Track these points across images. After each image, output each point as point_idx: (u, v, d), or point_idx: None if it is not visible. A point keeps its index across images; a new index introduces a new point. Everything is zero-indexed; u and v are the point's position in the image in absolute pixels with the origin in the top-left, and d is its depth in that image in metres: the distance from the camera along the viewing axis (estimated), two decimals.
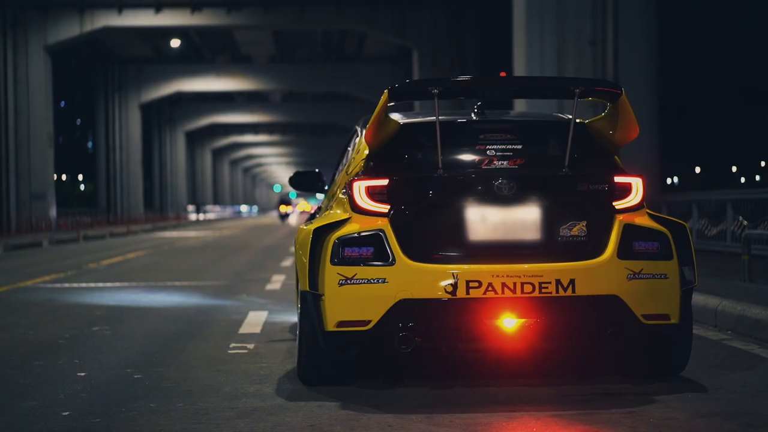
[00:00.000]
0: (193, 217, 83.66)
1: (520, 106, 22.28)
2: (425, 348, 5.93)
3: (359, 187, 5.87)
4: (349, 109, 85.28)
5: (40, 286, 14.04)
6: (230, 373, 6.53)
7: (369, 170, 6.04)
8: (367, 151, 6.22)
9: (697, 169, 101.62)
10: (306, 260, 5.80)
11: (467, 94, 6.64)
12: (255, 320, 9.37)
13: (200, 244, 29.19)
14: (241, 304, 10.93)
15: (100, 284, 14.16)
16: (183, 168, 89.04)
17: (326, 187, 7.75)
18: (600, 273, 5.66)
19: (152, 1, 49.56)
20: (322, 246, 5.73)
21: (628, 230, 5.81)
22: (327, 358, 5.98)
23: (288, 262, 18.28)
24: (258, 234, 38.34)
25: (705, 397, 5.61)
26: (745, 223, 15.39)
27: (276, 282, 13.87)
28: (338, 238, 5.69)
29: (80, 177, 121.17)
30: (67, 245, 29.86)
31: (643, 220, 5.95)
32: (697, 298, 9.01)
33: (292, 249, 8.62)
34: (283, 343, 7.83)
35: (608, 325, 5.66)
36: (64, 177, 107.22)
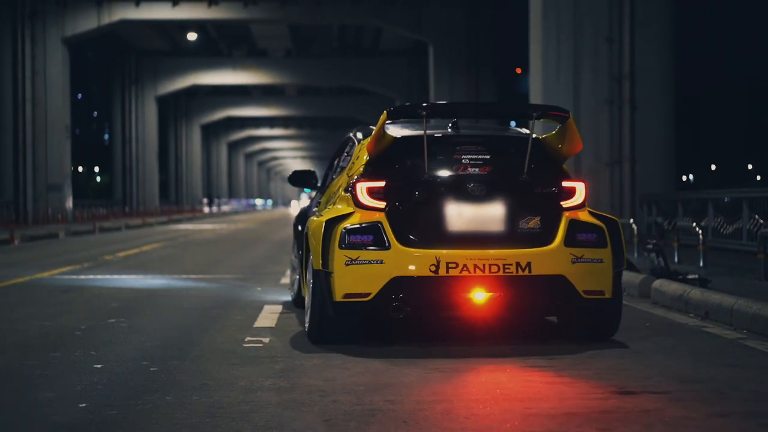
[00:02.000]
0: (207, 209, 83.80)
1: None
2: (413, 316, 7.41)
3: (361, 188, 7.37)
4: (364, 104, 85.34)
5: (56, 277, 14.10)
6: (245, 366, 6.56)
7: (368, 174, 7.52)
8: (366, 158, 7.70)
9: (713, 167, 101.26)
10: (319, 245, 7.25)
11: (448, 115, 8.06)
12: (270, 314, 9.40)
13: (215, 237, 29.25)
14: (256, 298, 10.96)
15: (116, 276, 14.21)
16: (198, 161, 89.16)
17: (318, 184, 9.68)
18: (550, 257, 7.18)
19: None
20: (332, 234, 7.19)
21: (573, 224, 7.35)
22: (334, 322, 7.36)
23: None
24: (272, 228, 38.39)
25: (721, 397, 5.60)
26: (761, 221, 15.34)
27: (290, 276, 13.88)
28: (345, 228, 7.16)
29: (96, 169, 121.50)
30: (83, 237, 29.97)
31: (584, 216, 7.46)
32: (713, 297, 9.00)
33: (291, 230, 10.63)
34: (298, 338, 7.85)
35: (557, 298, 7.25)
36: (80, 169, 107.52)
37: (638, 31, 24.55)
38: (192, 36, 64.52)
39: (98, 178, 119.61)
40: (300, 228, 9.48)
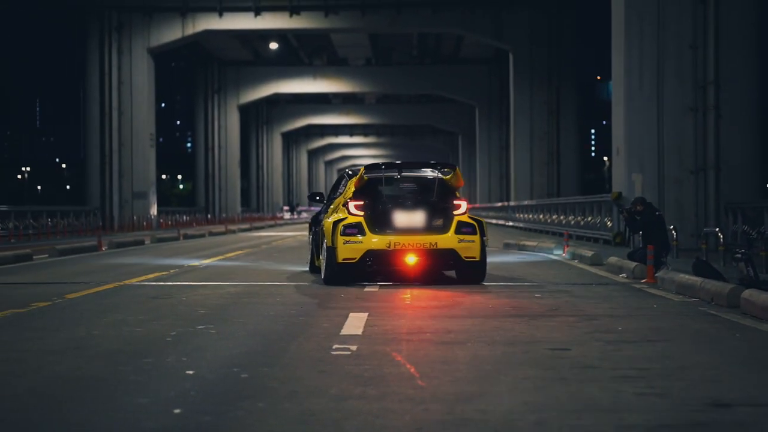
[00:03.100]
0: (287, 216, 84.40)
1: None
2: (377, 270, 13.96)
3: (351, 204, 13.99)
4: (443, 112, 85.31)
5: (144, 283, 14.35)
6: (334, 374, 6.60)
7: (355, 197, 14.10)
8: (353, 188, 14.24)
9: None
10: (329, 233, 13.76)
11: (395, 167, 14.70)
12: (356, 322, 9.45)
13: (297, 243, 29.46)
14: (341, 305, 11.03)
15: (202, 283, 14.42)
16: (279, 168, 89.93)
17: (325, 201, 16.21)
18: (447, 240, 13.70)
19: (252, 4, 50.25)
20: (336, 228, 13.70)
21: (459, 223, 13.84)
22: (337, 273, 13.79)
23: None
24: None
25: None
26: None
27: (374, 285, 13.95)
28: (343, 224, 13.71)
29: (179, 177, 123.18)
30: (168, 243, 30.43)
31: (465, 218, 13.94)
32: None
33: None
34: (385, 346, 7.88)
35: (450, 261, 13.87)
36: (163, 176, 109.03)
37: (723, 37, 24.23)
38: (273, 45, 65.20)
39: (181, 186, 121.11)
40: (313, 226, 16.33)
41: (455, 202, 14.06)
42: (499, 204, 58.30)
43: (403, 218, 13.79)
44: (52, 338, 8.45)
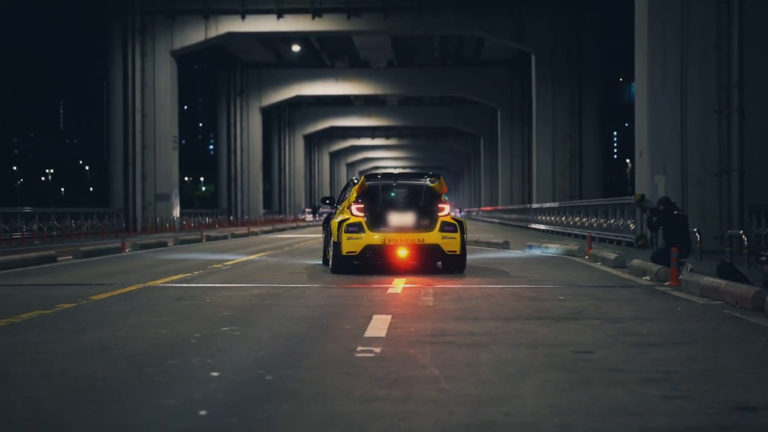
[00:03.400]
0: (309, 218, 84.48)
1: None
2: (374, 262, 16.70)
3: (354, 207, 16.62)
4: (465, 113, 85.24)
5: (168, 285, 14.42)
6: (359, 376, 6.62)
7: (357, 201, 16.74)
8: (355, 194, 16.83)
9: None
10: (335, 230, 16.49)
11: (392, 177, 17.53)
12: (379, 324, 9.46)
13: (319, 245, 29.48)
14: (364, 308, 11.04)
15: (226, 285, 14.46)
16: (302, 170, 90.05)
17: (336, 204, 18.80)
18: (433, 236, 16.29)
19: (274, 7, 50.39)
20: (341, 226, 16.34)
21: (443, 223, 16.39)
22: (342, 264, 16.41)
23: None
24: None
25: None
26: None
27: (397, 286, 13.96)
28: (347, 224, 16.37)
29: (201, 179, 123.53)
30: (191, 245, 30.54)
31: (449, 219, 16.49)
32: None
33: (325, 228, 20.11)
34: (409, 348, 7.89)
35: (435, 254, 16.58)
36: (186, 178, 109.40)
37: (747, 38, 24.09)
38: (296, 48, 65.31)
39: (203, 188, 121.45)
40: (325, 225, 18.70)
41: (440, 205, 16.75)
42: (521, 206, 58.20)
43: (396, 219, 16.56)
44: (78, 340, 8.50)
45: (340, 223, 16.51)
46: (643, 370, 6.85)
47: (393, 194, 16.97)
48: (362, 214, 16.49)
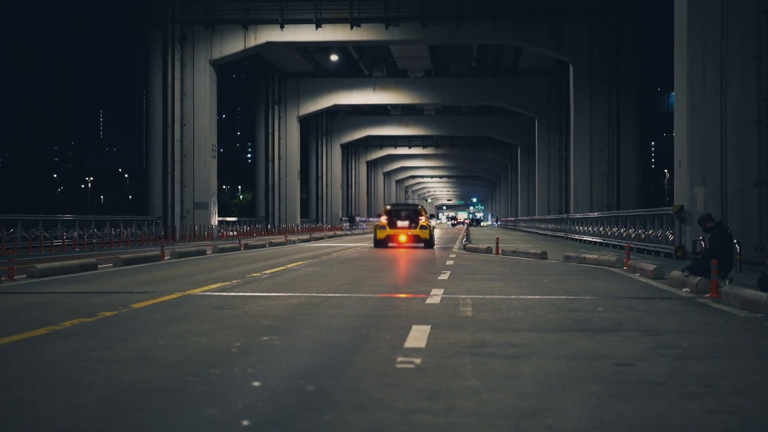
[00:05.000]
0: (346, 226, 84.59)
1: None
2: (390, 242, 37.04)
3: (383, 217, 37.61)
4: (502, 123, 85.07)
5: (208, 294, 14.49)
6: (400, 387, 6.63)
7: (385, 215, 37.68)
8: (384, 211, 38.58)
9: None
10: (375, 229, 38.18)
11: (400, 205, 39.19)
12: (419, 334, 9.47)
13: (357, 255, 29.57)
14: (403, 318, 11.05)
15: (265, 294, 14.51)
16: (339, 179, 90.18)
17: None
18: (416, 231, 36.40)
19: (313, 17, 50.57)
20: (377, 227, 37.82)
21: (421, 225, 36.54)
22: (377, 243, 37.06)
23: (445, 276, 18.45)
24: (413, 246, 38.53)
25: None
26: None
27: (435, 296, 13.95)
28: (378, 226, 37.56)
29: (239, 187, 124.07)
30: (229, 253, 30.70)
31: (425, 223, 36.78)
32: None
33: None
34: (449, 359, 7.89)
35: (418, 239, 36.61)
36: (224, 187, 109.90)
37: None
38: (334, 57, 65.49)
39: (241, 196, 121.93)
40: (374, 227, 38.86)
41: (420, 217, 36.10)
42: (559, 216, 57.98)
43: (401, 222, 35.85)
44: (120, 348, 8.57)
45: (376, 226, 37.41)
46: (686, 384, 6.82)
47: (400, 212, 36.84)
48: (386, 220, 36.31)
